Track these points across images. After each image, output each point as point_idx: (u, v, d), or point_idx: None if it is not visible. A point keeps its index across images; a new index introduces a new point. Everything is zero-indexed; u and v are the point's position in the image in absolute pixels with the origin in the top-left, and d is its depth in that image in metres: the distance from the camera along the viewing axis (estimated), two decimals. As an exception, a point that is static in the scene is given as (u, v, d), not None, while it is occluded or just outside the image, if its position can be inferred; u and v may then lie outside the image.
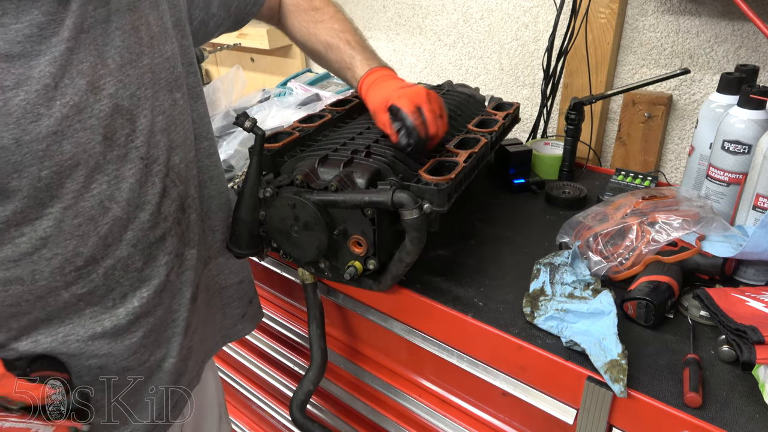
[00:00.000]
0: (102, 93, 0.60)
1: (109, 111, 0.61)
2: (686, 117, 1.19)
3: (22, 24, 0.54)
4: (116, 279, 0.67)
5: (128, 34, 0.64)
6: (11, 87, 0.54)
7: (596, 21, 1.19)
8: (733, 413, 0.60)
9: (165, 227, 0.70)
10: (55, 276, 0.61)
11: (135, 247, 0.67)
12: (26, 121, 0.55)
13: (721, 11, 1.08)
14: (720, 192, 0.88)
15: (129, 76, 0.63)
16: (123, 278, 0.67)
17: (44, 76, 0.56)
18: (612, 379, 0.63)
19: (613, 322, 0.69)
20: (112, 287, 0.67)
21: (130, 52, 0.64)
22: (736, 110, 0.84)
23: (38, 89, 0.55)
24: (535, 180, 1.14)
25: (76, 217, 0.61)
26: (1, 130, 0.53)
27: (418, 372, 0.91)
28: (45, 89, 0.56)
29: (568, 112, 1.13)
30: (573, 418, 0.69)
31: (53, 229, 0.59)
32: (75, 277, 0.63)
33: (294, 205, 0.76)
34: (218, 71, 2.16)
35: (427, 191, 0.74)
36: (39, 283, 0.61)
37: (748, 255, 0.76)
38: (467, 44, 1.48)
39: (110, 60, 0.61)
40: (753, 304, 0.71)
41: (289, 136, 0.92)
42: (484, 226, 1.01)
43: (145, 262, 0.69)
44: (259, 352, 1.22)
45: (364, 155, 0.81)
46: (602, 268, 0.80)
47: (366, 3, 1.64)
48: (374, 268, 0.78)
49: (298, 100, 1.40)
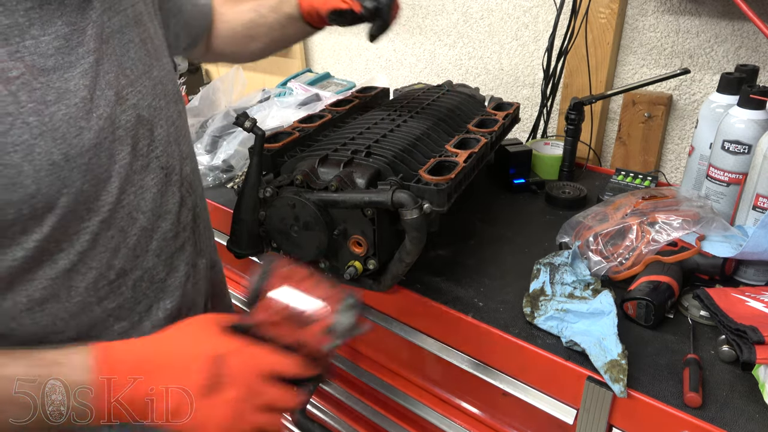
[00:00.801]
0: (126, 104, 0.60)
1: (134, 121, 0.61)
2: (686, 117, 1.19)
3: (49, 36, 0.53)
4: (143, 291, 0.66)
5: (138, 46, 0.64)
6: (53, 101, 0.52)
7: (596, 21, 1.19)
8: (733, 413, 0.60)
9: (184, 236, 0.71)
10: (89, 291, 0.60)
11: (159, 257, 0.67)
12: (71, 136, 0.54)
13: (721, 11, 1.08)
14: (720, 192, 0.88)
15: (146, 87, 0.64)
16: (149, 290, 0.67)
17: (80, 89, 0.55)
18: (612, 379, 0.63)
19: (613, 322, 0.69)
20: (139, 299, 0.66)
21: (143, 64, 0.64)
22: (736, 110, 0.84)
23: (77, 102, 0.54)
24: (535, 180, 1.14)
25: (110, 229, 0.60)
26: (50, 147, 0.52)
27: (418, 372, 0.91)
28: (83, 102, 0.55)
29: (568, 112, 1.13)
30: (573, 418, 0.69)
31: (90, 243, 0.58)
32: (107, 291, 0.62)
33: (294, 205, 0.76)
34: (218, 71, 2.16)
35: (427, 191, 0.74)
36: (74, 300, 0.59)
37: (748, 255, 0.76)
38: (467, 44, 1.48)
39: (129, 71, 0.61)
40: (753, 304, 0.71)
41: (289, 136, 0.92)
42: (484, 226, 1.01)
43: (168, 272, 0.69)
44: (259, 352, 1.22)
45: (364, 155, 0.81)
46: (602, 268, 0.80)
47: (366, 3, 1.64)
48: (374, 268, 0.78)
49: (298, 100, 1.40)
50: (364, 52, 1.72)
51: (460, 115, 1.03)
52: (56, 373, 0.48)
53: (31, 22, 0.51)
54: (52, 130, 0.52)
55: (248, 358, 0.52)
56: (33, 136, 0.51)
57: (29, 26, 0.51)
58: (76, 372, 0.49)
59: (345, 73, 1.80)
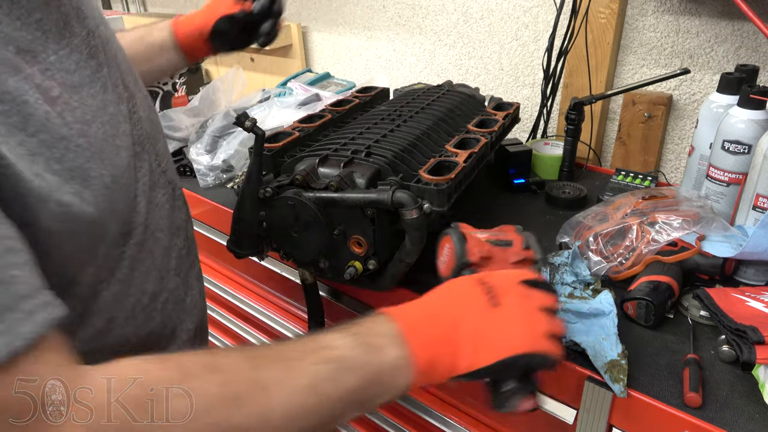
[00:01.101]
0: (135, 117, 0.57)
1: (145, 136, 0.59)
2: (686, 117, 1.19)
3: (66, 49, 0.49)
4: (168, 313, 0.63)
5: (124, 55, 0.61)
6: (91, 120, 0.49)
7: (596, 21, 1.19)
8: (733, 413, 0.60)
9: (194, 252, 0.69)
10: (128, 320, 0.57)
11: (179, 276, 0.64)
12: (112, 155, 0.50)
13: (721, 11, 1.08)
14: (720, 192, 0.88)
15: (141, 99, 0.61)
16: (173, 311, 0.64)
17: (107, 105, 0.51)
18: (612, 379, 0.63)
19: (613, 322, 0.69)
20: (166, 323, 0.63)
21: (132, 74, 0.61)
22: (736, 110, 0.84)
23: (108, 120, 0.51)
24: (535, 180, 1.13)
25: (142, 252, 0.57)
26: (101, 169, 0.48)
27: (418, 372, 0.91)
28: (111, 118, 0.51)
29: (568, 112, 1.13)
30: (573, 418, 0.69)
31: (128, 269, 0.55)
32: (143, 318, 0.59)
33: (294, 204, 0.76)
34: (218, 71, 2.16)
35: (427, 191, 0.74)
36: (114, 332, 0.56)
37: (748, 255, 0.76)
38: (467, 44, 1.48)
39: (127, 83, 0.58)
40: (753, 304, 0.71)
41: (289, 136, 0.92)
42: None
43: (186, 291, 0.67)
44: (259, 352, 1.22)
45: (364, 155, 0.81)
46: (602, 268, 0.80)
47: (366, 3, 1.64)
48: (374, 268, 0.78)
49: (298, 100, 1.40)
50: (364, 52, 1.72)
51: (460, 115, 1.03)
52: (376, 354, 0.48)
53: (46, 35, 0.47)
54: (99, 151, 0.48)
55: (500, 274, 0.56)
56: (86, 160, 0.47)
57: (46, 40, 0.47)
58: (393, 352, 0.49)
59: (345, 73, 1.80)
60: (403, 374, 0.49)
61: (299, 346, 0.49)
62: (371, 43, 1.69)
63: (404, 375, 0.49)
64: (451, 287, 0.56)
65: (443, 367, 0.50)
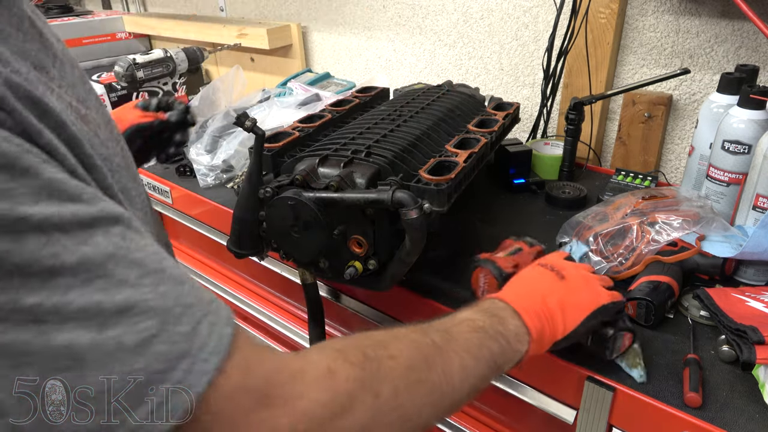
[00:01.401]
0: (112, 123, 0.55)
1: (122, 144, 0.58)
2: (686, 117, 1.19)
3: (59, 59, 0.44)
4: None
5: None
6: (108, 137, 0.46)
7: (596, 21, 1.19)
8: (733, 413, 0.60)
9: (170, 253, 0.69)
10: None
11: None
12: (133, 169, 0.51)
13: (721, 11, 1.08)
14: (720, 192, 0.88)
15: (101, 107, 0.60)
16: None
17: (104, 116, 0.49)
18: (629, 365, 0.65)
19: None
20: None
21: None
22: (736, 110, 0.84)
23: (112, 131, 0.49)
24: (535, 180, 1.13)
25: None
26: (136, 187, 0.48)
27: (418, 372, 0.91)
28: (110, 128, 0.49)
29: (568, 112, 1.13)
30: (573, 418, 0.69)
31: None
32: None
33: (294, 204, 0.76)
34: (218, 71, 2.16)
35: (427, 191, 0.74)
36: None
37: (748, 255, 0.76)
38: (467, 44, 1.48)
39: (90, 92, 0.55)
40: (753, 304, 0.71)
41: (289, 136, 0.92)
42: (484, 226, 1.01)
43: None
44: (259, 352, 1.22)
45: (364, 155, 0.81)
46: (602, 268, 0.80)
47: (366, 3, 1.64)
48: (374, 268, 0.78)
49: (298, 100, 1.40)
50: (364, 52, 1.72)
51: (460, 115, 1.03)
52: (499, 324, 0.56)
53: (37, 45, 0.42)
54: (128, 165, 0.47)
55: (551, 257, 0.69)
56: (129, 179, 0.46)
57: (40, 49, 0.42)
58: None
59: (345, 73, 1.80)
60: (523, 341, 0.56)
61: (446, 321, 0.55)
62: (371, 43, 1.69)
63: (524, 341, 0.56)
64: (525, 274, 0.66)
65: (548, 334, 0.59)
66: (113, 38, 2.16)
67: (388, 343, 0.47)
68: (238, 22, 1.88)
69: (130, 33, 2.20)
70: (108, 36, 2.14)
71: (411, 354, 0.47)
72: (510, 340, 0.55)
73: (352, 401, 0.41)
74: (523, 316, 0.57)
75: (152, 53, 1.37)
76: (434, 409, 0.48)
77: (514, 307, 0.58)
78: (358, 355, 0.44)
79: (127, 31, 2.19)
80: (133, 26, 2.18)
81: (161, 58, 1.38)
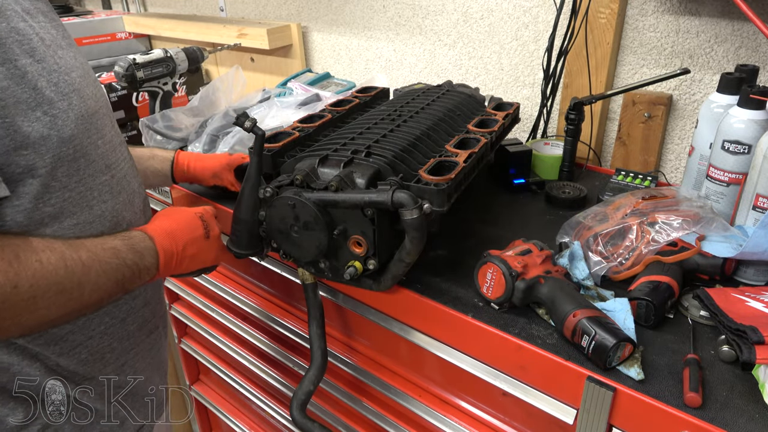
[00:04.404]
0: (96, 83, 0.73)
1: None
2: (686, 117, 1.19)
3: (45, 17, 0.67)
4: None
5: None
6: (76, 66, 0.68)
7: (596, 21, 1.19)
8: (733, 413, 0.60)
9: None
10: None
11: None
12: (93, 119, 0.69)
13: (721, 11, 1.08)
14: (720, 192, 0.88)
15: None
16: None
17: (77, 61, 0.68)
18: (626, 365, 0.65)
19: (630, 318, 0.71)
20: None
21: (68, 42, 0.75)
22: (736, 110, 0.84)
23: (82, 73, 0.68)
24: (535, 180, 1.13)
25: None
26: None
27: (418, 372, 0.91)
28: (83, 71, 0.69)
29: (568, 112, 1.13)
30: (573, 418, 0.69)
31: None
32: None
33: (294, 205, 0.76)
34: (218, 71, 2.16)
35: (427, 191, 0.74)
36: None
37: (748, 255, 0.76)
38: (467, 44, 1.48)
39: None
40: (753, 304, 0.71)
41: (289, 136, 0.92)
42: (484, 226, 1.01)
43: None
44: (259, 352, 1.22)
45: (364, 155, 0.81)
46: (602, 268, 0.80)
47: (366, 3, 1.64)
48: (374, 268, 0.78)
49: (298, 100, 1.40)
50: (364, 52, 1.72)
51: (460, 115, 1.03)
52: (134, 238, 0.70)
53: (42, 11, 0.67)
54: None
55: (210, 210, 0.87)
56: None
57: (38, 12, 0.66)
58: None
59: (345, 73, 1.80)
60: (153, 274, 0.73)
61: (98, 243, 0.66)
62: (371, 43, 1.69)
63: (153, 274, 0.73)
64: (180, 217, 0.80)
65: (172, 267, 0.76)
66: (113, 38, 2.16)
67: (40, 251, 0.58)
68: (238, 22, 1.88)
69: (130, 33, 2.20)
70: (108, 36, 2.14)
71: (57, 263, 0.59)
72: (141, 271, 0.69)
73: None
74: (161, 257, 0.72)
75: (152, 53, 1.37)
76: (63, 310, 0.60)
77: (157, 246, 0.71)
78: (11, 255, 0.55)
79: (127, 31, 2.20)
80: (133, 26, 2.18)
81: (161, 58, 1.38)
